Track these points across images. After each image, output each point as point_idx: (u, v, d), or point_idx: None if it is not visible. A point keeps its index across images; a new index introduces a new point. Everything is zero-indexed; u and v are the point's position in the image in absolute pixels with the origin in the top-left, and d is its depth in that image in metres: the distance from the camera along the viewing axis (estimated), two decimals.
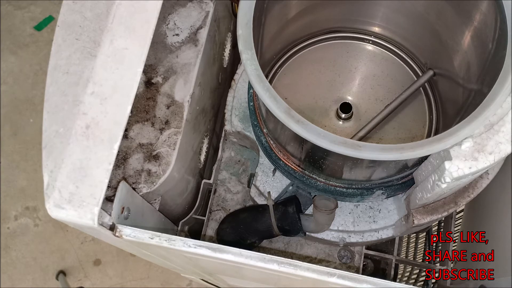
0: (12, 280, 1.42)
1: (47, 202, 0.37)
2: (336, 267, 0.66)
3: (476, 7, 0.52)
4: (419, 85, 0.64)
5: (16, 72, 1.64)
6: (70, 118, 0.38)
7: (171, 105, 0.53)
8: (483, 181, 0.52)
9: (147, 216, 0.51)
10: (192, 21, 0.57)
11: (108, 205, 0.42)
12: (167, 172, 0.51)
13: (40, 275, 1.43)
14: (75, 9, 0.41)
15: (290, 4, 0.62)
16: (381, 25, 0.68)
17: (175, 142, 0.52)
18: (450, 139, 0.40)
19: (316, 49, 0.70)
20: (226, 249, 0.39)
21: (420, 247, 0.90)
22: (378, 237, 0.60)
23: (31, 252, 1.45)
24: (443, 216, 0.52)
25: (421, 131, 0.65)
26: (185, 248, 0.39)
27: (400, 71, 0.68)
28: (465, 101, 0.55)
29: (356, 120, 0.65)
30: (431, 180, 0.45)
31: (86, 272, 1.43)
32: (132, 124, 0.52)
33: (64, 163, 0.37)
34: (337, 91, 0.67)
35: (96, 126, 0.38)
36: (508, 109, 0.42)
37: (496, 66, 0.45)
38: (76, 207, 0.37)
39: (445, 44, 0.61)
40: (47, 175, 0.37)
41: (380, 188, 0.53)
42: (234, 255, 0.39)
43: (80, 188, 0.37)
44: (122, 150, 0.51)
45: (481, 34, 0.52)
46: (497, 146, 0.41)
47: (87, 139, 0.38)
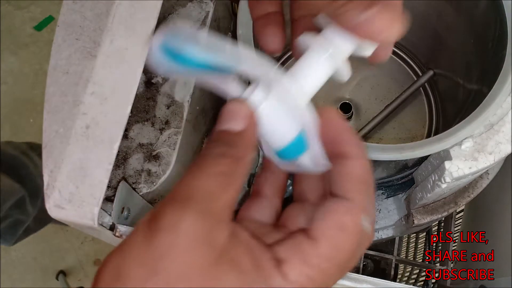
0: (12, 280, 1.42)
1: (47, 202, 0.37)
2: None
3: (476, 7, 0.52)
4: (419, 85, 0.64)
5: (16, 72, 1.64)
6: (70, 118, 0.38)
7: (171, 105, 0.53)
8: (483, 181, 0.52)
9: None
10: (192, 21, 0.57)
11: (108, 205, 0.42)
12: (167, 172, 0.51)
13: (40, 275, 1.43)
14: (75, 9, 0.41)
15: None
16: None
17: (175, 142, 0.52)
18: (450, 139, 0.40)
19: None
20: None
21: (420, 247, 0.89)
22: (378, 237, 0.60)
23: (31, 252, 1.45)
24: (443, 216, 0.52)
25: (421, 131, 0.65)
26: None
27: (400, 71, 0.68)
28: (465, 101, 0.55)
29: (356, 120, 0.65)
30: (431, 180, 0.45)
31: (86, 272, 1.43)
32: (132, 124, 0.52)
33: (64, 163, 0.37)
34: (337, 91, 0.67)
35: (96, 126, 0.38)
36: (508, 109, 0.42)
37: (496, 66, 0.45)
38: (76, 207, 0.37)
39: (445, 44, 0.61)
40: (47, 175, 0.37)
41: (380, 188, 0.53)
42: None
43: (80, 188, 0.37)
44: (122, 150, 0.51)
45: (481, 34, 0.52)
46: (497, 146, 0.41)
47: (87, 139, 0.38)
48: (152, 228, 0.22)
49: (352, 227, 0.23)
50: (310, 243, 0.23)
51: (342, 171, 0.25)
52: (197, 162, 0.24)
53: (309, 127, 0.25)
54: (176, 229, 0.21)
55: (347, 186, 0.24)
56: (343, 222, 0.23)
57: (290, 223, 0.27)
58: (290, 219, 0.28)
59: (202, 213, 0.22)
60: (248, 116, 0.25)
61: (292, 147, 0.26)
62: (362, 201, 0.24)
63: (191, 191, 0.22)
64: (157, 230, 0.21)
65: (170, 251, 0.21)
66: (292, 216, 0.28)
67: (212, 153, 0.24)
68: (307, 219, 0.26)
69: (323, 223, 0.24)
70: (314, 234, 0.23)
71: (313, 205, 0.28)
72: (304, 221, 0.26)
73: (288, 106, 0.25)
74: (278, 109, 0.25)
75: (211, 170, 0.23)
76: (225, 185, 0.23)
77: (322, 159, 0.26)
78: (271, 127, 0.26)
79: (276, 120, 0.25)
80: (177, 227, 0.21)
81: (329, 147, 0.26)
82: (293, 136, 0.25)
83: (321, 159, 0.26)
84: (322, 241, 0.23)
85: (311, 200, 0.29)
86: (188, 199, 0.22)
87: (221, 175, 0.23)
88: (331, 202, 0.24)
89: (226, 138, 0.24)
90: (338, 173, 0.25)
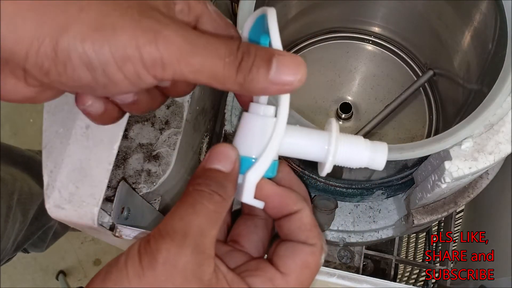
0: (12, 280, 1.42)
1: (47, 202, 0.37)
2: (336, 267, 0.66)
3: (476, 7, 0.52)
4: (419, 85, 0.64)
5: None
6: (70, 118, 0.38)
7: (171, 105, 0.53)
8: (483, 181, 0.52)
9: (147, 216, 0.51)
10: None
11: (108, 205, 0.42)
12: (167, 172, 0.51)
13: (40, 275, 1.43)
14: None
15: (290, 4, 0.62)
16: (381, 25, 0.68)
17: (175, 142, 0.52)
18: (450, 139, 0.40)
19: (316, 49, 0.70)
20: None
21: (420, 247, 0.90)
22: (378, 237, 0.60)
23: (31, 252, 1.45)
24: (443, 216, 0.52)
25: (421, 131, 0.65)
26: None
27: (400, 71, 0.68)
28: (465, 101, 0.55)
29: (356, 120, 0.65)
30: (431, 180, 0.45)
31: (86, 272, 1.43)
32: (132, 124, 0.52)
33: (64, 163, 0.37)
34: (337, 91, 0.67)
35: (96, 127, 0.38)
36: (508, 109, 0.42)
37: (496, 66, 0.45)
38: (76, 207, 0.37)
39: (445, 44, 0.61)
40: (47, 175, 0.37)
41: (380, 188, 0.53)
42: None
43: (80, 188, 0.37)
44: (122, 150, 0.51)
45: (481, 34, 0.52)
46: (497, 146, 0.41)
47: (87, 139, 0.38)
48: (146, 262, 0.23)
49: (314, 265, 0.28)
50: (281, 277, 0.27)
51: (296, 224, 0.29)
52: (189, 198, 0.25)
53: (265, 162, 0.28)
54: (174, 264, 0.23)
55: (306, 234, 0.28)
56: (308, 262, 0.28)
57: (246, 243, 0.31)
58: (243, 238, 0.31)
59: (196, 249, 0.24)
60: (236, 160, 0.27)
61: (245, 161, 0.28)
62: (321, 244, 0.28)
63: (186, 228, 0.24)
64: (154, 263, 0.23)
65: (168, 284, 0.23)
66: (245, 234, 0.31)
67: (205, 191, 0.25)
68: (263, 244, 0.31)
69: (292, 261, 0.27)
70: (284, 269, 0.27)
71: (265, 222, 0.32)
72: (261, 245, 0.31)
73: (264, 131, 0.28)
74: (255, 126, 0.28)
75: (204, 208, 0.25)
76: (214, 223, 0.25)
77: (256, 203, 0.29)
78: (245, 132, 0.28)
79: (249, 131, 0.28)
80: (175, 262, 0.23)
81: (278, 211, 0.29)
82: (253, 154, 0.28)
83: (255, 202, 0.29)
84: (291, 276, 0.27)
85: (260, 216, 0.32)
86: (185, 236, 0.24)
87: (213, 213, 0.25)
88: (297, 244, 0.28)
89: (216, 177, 0.26)
90: (293, 225, 0.29)
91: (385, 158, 0.31)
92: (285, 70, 0.25)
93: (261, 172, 0.27)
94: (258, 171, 0.27)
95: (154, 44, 0.23)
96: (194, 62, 0.24)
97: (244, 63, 0.24)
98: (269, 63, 0.24)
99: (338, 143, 0.29)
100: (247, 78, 0.24)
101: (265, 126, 0.28)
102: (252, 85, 0.24)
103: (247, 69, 0.24)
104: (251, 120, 0.28)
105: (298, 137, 0.29)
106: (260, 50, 0.25)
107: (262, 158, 0.27)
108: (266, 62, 0.24)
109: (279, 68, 0.24)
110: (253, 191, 0.28)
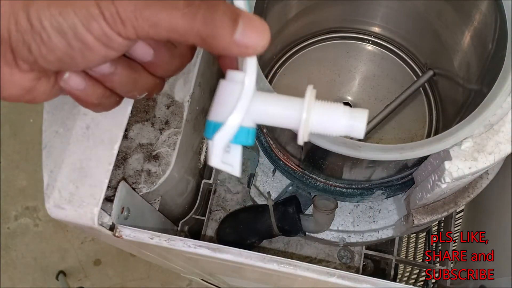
0: (12, 280, 1.42)
1: (47, 202, 0.37)
2: (336, 267, 0.66)
3: (476, 7, 0.52)
4: (419, 85, 0.64)
5: None
6: (70, 118, 0.38)
7: (171, 105, 0.53)
8: (483, 181, 0.52)
9: (147, 216, 0.51)
10: None
11: (108, 205, 0.42)
12: (167, 172, 0.51)
13: (40, 275, 1.43)
14: None
15: (290, 4, 0.62)
16: (381, 25, 0.68)
17: (175, 142, 0.52)
18: (450, 139, 0.40)
19: (316, 49, 0.70)
20: (225, 249, 0.39)
21: (420, 247, 0.90)
22: (378, 237, 0.60)
23: (31, 252, 1.45)
24: (443, 216, 0.52)
25: (421, 131, 0.65)
26: (185, 248, 0.39)
27: (400, 71, 0.68)
28: (465, 101, 0.55)
29: None
30: (431, 180, 0.45)
31: (86, 272, 1.43)
32: (132, 124, 0.52)
33: (64, 163, 0.37)
34: (337, 91, 0.67)
35: (96, 127, 0.38)
36: (508, 109, 0.42)
37: (496, 66, 0.45)
38: (76, 207, 0.37)
39: (445, 44, 0.60)
40: (47, 175, 0.37)
41: (380, 188, 0.53)
42: (233, 255, 0.39)
43: (80, 188, 0.37)
44: (122, 150, 0.51)
45: (481, 34, 0.52)
46: (497, 146, 0.41)
47: (87, 140, 0.38)
48: None
49: None
50: None
51: None
52: None
53: None
54: None
55: None
56: None
57: None
58: None
59: None
60: None
61: (215, 126, 0.28)
62: None
63: None
64: None
65: None
66: None
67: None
68: None
69: None
70: None
71: None
72: None
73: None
74: (225, 92, 0.28)
75: None
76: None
77: None
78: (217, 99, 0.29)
79: (220, 97, 0.28)
80: None
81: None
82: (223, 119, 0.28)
83: None
84: None
85: None
86: None
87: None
88: None
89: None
90: None
91: (365, 125, 0.30)
92: (251, 34, 0.24)
93: (227, 135, 0.27)
94: (224, 134, 0.27)
95: (111, 0, 0.23)
96: (151, 15, 0.24)
97: (206, 14, 0.24)
98: (235, 23, 0.24)
99: (311, 109, 0.29)
100: (210, 33, 0.24)
101: (234, 91, 0.28)
102: (215, 41, 0.24)
103: (209, 22, 0.24)
104: (223, 87, 0.28)
105: (271, 104, 0.29)
106: (226, 7, 0.24)
107: (228, 121, 0.27)
108: (232, 21, 0.24)
109: (245, 30, 0.24)
110: (220, 154, 0.28)
